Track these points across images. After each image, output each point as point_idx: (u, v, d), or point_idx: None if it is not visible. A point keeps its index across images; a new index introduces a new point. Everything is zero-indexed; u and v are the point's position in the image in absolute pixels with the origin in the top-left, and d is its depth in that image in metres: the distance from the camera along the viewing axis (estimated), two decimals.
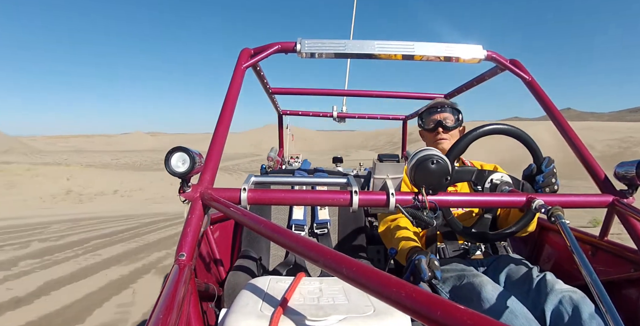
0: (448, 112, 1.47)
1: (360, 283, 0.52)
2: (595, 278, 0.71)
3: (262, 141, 17.19)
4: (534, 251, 1.53)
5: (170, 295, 0.60)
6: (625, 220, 0.96)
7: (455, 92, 1.86)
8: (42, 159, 22.96)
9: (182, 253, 0.75)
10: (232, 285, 1.06)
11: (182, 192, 0.87)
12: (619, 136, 38.97)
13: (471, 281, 1.04)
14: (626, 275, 1.07)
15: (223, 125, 1.04)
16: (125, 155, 32.32)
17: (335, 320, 0.71)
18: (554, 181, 1.08)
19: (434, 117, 1.48)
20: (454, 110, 1.48)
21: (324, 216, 1.52)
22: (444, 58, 1.21)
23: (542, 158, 1.11)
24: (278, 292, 0.82)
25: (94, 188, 12.72)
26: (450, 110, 1.47)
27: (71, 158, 23.82)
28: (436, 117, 1.47)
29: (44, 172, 16.29)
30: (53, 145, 68.11)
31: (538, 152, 1.12)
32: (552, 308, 0.94)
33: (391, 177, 0.93)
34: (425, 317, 0.43)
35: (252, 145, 58.29)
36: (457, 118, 1.46)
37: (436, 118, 1.46)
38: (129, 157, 30.88)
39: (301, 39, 1.21)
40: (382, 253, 1.63)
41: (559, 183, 1.09)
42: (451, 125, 1.44)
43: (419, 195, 0.90)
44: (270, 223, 0.72)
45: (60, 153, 29.74)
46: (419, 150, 0.93)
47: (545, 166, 1.09)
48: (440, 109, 1.47)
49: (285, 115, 2.77)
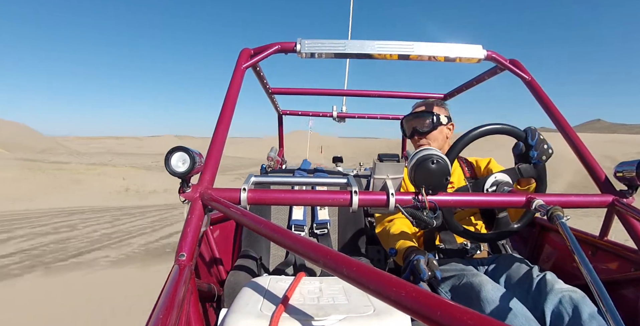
0: (421, 117, 1.46)
1: (360, 283, 0.51)
2: (596, 277, 0.71)
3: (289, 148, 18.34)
4: (534, 251, 1.53)
5: (170, 295, 0.60)
6: (625, 220, 0.96)
7: (455, 92, 1.86)
8: (88, 160, 25.09)
9: (182, 253, 0.75)
10: (232, 285, 1.06)
11: (182, 192, 0.87)
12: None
13: (471, 281, 1.04)
14: (626, 275, 1.07)
15: (223, 125, 1.04)
16: (162, 158, 36.79)
17: (335, 319, 0.70)
18: (546, 147, 1.07)
19: (409, 124, 1.50)
20: (428, 113, 1.46)
21: (323, 216, 1.52)
22: (443, 58, 1.21)
23: (524, 133, 1.10)
24: (278, 292, 0.82)
25: (147, 187, 14.20)
26: (423, 114, 1.46)
27: (115, 160, 26.38)
28: (411, 124, 1.48)
29: (102, 171, 18.67)
30: (86, 145, 72.41)
31: (517, 131, 1.11)
32: (552, 308, 0.94)
33: (391, 177, 0.93)
34: (425, 317, 0.42)
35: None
36: (432, 121, 1.44)
37: (411, 125, 1.48)
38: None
39: (301, 39, 1.21)
40: (382, 253, 1.63)
41: (551, 145, 1.08)
42: (426, 129, 1.44)
43: (419, 195, 0.90)
44: (270, 223, 0.72)
45: (100, 155, 32.29)
46: (419, 150, 0.93)
47: (532, 139, 1.08)
48: (412, 116, 1.49)
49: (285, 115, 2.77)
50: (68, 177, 16.89)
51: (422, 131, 1.44)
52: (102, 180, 16.45)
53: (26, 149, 49.67)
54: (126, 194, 13.44)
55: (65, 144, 68.05)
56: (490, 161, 1.45)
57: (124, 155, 40.54)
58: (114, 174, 17.84)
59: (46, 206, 9.83)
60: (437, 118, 1.45)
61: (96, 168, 19.24)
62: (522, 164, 1.11)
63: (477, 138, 1.12)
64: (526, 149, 1.10)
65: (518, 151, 1.13)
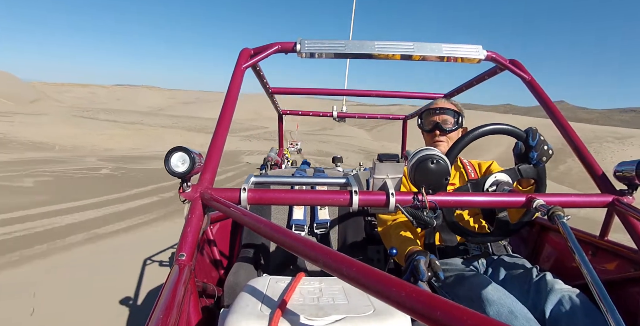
0: (447, 115, 1.44)
1: (360, 283, 0.51)
2: (596, 277, 0.71)
3: (255, 112, 26.35)
4: (534, 251, 1.53)
5: (170, 295, 0.60)
6: (625, 220, 0.96)
7: (455, 92, 1.86)
8: (124, 119, 33.97)
9: (182, 253, 0.75)
10: (232, 285, 1.06)
11: (182, 192, 0.87)
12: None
13: (471, 281, 1.04)
14: (626, 275, 1.07)
15: (223, 125, 1.04)
16: (171, 120, 43.80)
17: (335, 319, 0.70)
18: (547, 148, 1.07)
19: (432, 118, 1.46)
20: (454, 112, 1.45)
21: (324, 216, 1.52)
22: (444, 58, 1.21)
23: (524, 134, 1.09)
24: (278, 292, 0.82)
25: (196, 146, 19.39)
26: (450, 112, 1.45)
27: (145, 120, 34.49)
28: (435, 119, 1.45)
29: (164, 132, 26.81)
30: (63, 94, 79.74)
31: (518, 131, 1.10)
32: (551, 308, 0.94)
33: (391, 176, 0.93)
34: (426, 317, 0.42)
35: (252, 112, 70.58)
36: (457, 121, 1.43)
37: (435, 120, 1.45)
38: (180, 122, 40.93)
39: (301, 39, 1.21)
40: (382, 253, 1.63)
41: (551, 146, 1.08)
42: (449, 128, 1.43)
43: (419, 195, 0.90)
44: (270, 223, 0.72)
45: (128, 114, 41.54)
46: (418, 149, 0.93)
47: (532, 140, 1.07)
48: (439, 111, 1.45)
49: (285, 115, 2.77)
50: (151, 133, 24.67)
51: (446, 129, 1.42)
52: (169, 139, 22.71)
53: (20, 99, 53.87)
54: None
55: (49, 93, 74.67)
56: (492, 163, 1.45)
57: (125, 112, 46.68)
58: (173, 134, 25.41)
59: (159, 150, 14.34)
60: (462, 119, 1.45)
61: (158, 129, 27.81)
62: (522, 164, 1.11)
63: (478, 138, 1.12)
64: (526, 150, 1.10)
65: (518, 151, 1.13)
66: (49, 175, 7.94)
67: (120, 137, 22.71)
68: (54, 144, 18.85)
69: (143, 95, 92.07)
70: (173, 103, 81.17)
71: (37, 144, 18.00)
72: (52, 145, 18.66)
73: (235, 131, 34.71)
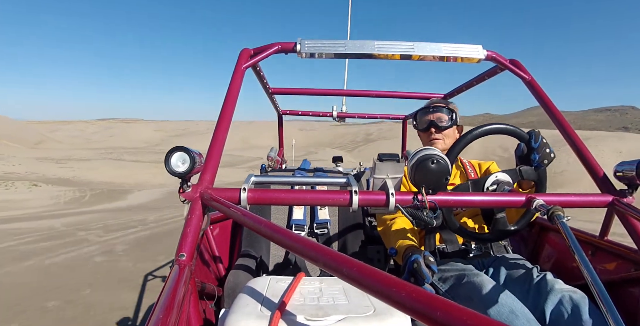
0: (441, 112, 1.46)
1: (360, 283, 0.51)
2: (596, 277, 0.71)
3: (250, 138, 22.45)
4: (534, 251, 1.53)
5: (170, 295, 0.60)
6: (625, 220, 0.96)
7: (455, 92, 1.86)
8: (143, 158, 33.79)
9: (182, 253, 0.75)
10: (232, 285, 1.06)
11: (182, 192, 0.86)
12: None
13: (471, 281, 1.04)
14: (626, 275, 1.07)
15: (223, 125, 1.04)
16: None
17: (335, 320, 0.70)
18: (549, 151, 1.07)
19: (427, 117, 1.48)
20: (448, 110, 1.47)
21: (324, 216, 1.52)
22: (444, 58, 1.21)
23: (527, 136, 1.10)
24: (278, 292, 0.82)
25: (222, 181, 16.57)
26: (444, 110, 1.46)
27: (161, 158, 37.20)
28: (429, 117, 1.47)
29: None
30: (54, 133, 76.18)
31: (520, 132, 1.11)
32: (552, 308, 0.93)
33: (391, 176, 0.93)
34: (426, 317, 0.42)
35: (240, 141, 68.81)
36: (451, 118, 1.45)
37: (429, 119, 1.46)
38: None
39: (301, 39, 1.20)
40: (382, 253, 1.63)
41: (553, 150, 1.08)
42: (444, 125, 1.44)
43: (419, 195, 0.90)
44: (270, 223, 0.72)
45: (144, 153, 39.99)
46: (419, 149, 0.93)
47: (535, 142, 1.08)
48: (432, 109, 1.47)
49: (285, 115, 2.77)
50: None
51: (441, 126, 1.44)
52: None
53: (25, 141, 52.57)
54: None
55: (43, 132, 72.36)
56: (492, 164, 1.45)
57: (141, 151, 45.13)
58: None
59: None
60: (456, 116, 1.46)
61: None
62: (524, 166, 1.11)
63: (478, 138, 1.12)
64: (528, 152, 1.10)
65: (520, 152, 1.13)
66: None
67: (157, 174, 22.80)
68: (121, 183, 19.55)
69: (133, 130, 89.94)
70: (164, 137, 77.85)
71: (116, 185, 18.78)
72: (121, 183, 19.28)
73: (237, 164, 34.58)
